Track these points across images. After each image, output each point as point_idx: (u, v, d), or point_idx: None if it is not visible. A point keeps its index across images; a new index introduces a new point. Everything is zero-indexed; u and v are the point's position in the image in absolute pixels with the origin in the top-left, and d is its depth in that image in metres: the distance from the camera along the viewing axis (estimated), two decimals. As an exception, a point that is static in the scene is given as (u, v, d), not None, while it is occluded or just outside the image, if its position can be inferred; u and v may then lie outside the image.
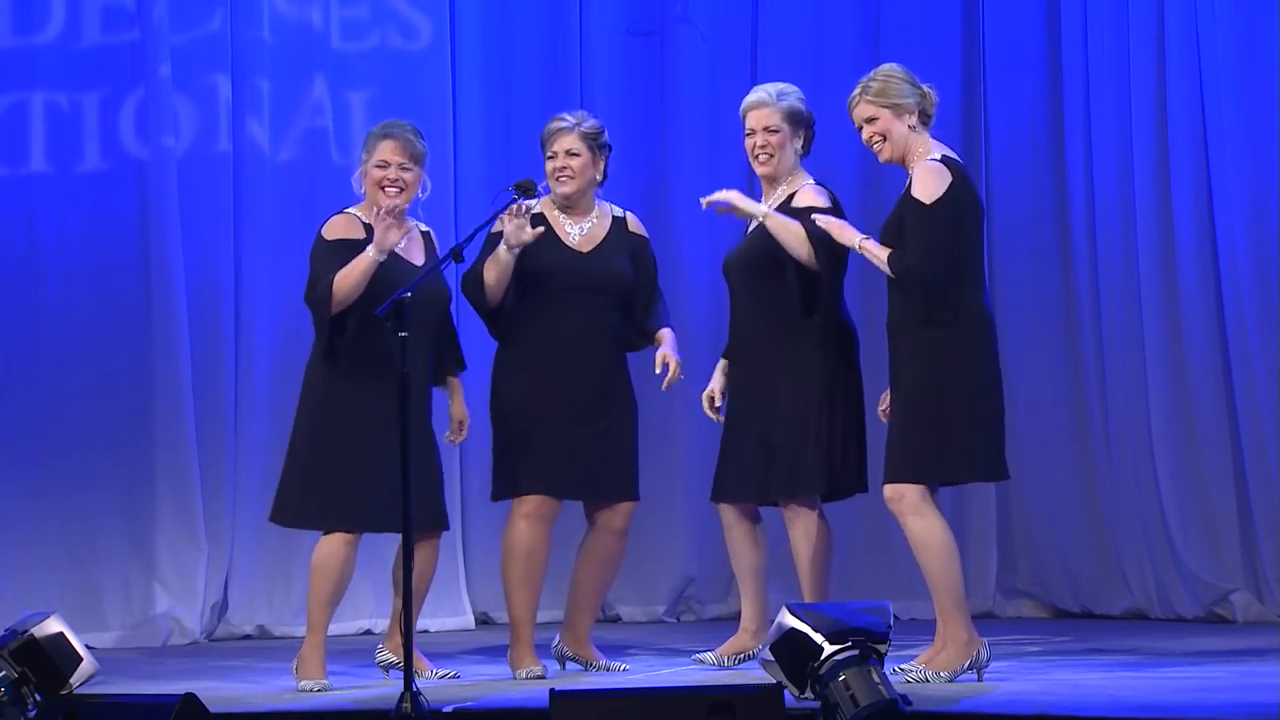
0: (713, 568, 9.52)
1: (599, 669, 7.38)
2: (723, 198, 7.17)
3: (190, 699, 5.95)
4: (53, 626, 6.30)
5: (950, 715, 6.04)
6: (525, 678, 7.18)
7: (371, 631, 9.24)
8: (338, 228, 7.15)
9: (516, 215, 7.10)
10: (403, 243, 7.08)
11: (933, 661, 6.69)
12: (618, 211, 7.48)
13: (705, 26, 9.91)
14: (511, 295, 7.26)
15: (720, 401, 7.34)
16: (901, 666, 6.64)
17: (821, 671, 5.75)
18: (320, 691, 6.92)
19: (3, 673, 6.18)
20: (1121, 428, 9.32)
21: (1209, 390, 9.09)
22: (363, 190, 7.21)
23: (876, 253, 6.80)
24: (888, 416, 6.92)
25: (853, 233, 6.91)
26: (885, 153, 6.88)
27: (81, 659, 6.30)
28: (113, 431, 9.21)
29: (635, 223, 7.50)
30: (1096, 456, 9.44)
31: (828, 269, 7.08)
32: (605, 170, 7.39)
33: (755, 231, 7.22)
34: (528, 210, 7.16)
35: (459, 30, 9.80)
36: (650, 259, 7.48)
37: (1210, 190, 9.11)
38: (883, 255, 6.77)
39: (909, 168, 6.85)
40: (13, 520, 9.13)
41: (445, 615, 9.51)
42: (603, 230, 7.40)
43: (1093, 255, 9.44)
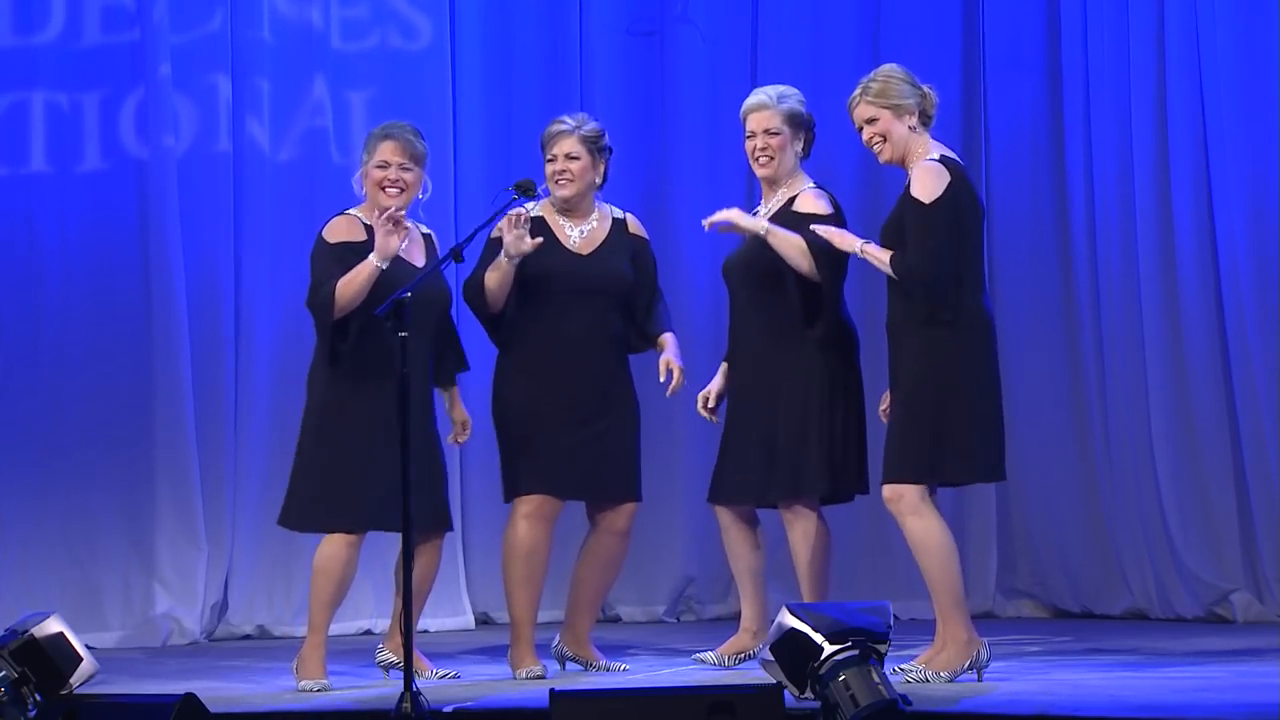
0: (713, 568, 9.51)
1: (599, 669, 7.38)
2: (723, 218, 7.15)
3: (190, 699, 5.95)
4: (53, 626, 6.30)
5: (950, 715, 6.04)
6: (525, 677, 7.18)
7: (371, 631, 9.24)
8: (339, 230, 7.15)
9: (516, 226, 7.09)
10: (404, 244, 7.07)
11: (933, 661, 6.69)
12: (618, 213, 7.47)
13: (705, 26, 9.90)
14: (513, 301, 7.26)
15: (714, 403, 7.34)
16: (901, 666, 6.64)
17: (821, 671, 5.75)
18: (320, 691, 6.92)
19: (3, 673, 6.18)
20: (1121, 428, 9.31)
21: (1209, 390, 9.09)
22: (363, 191, 7.21)
23: (878, 255, 6.79)
24: (888, 417, 6.92)
25: (852, 239, 6.90)
26: (885, 153, 6.88)
27: (81, 659, 6.30)
28: (113, 431, 9.20)
29: (635, 224, 7.49)
30: (1096, 456, 9.44)
31: (829, 278, 7.07)
32: (605, 173, 7.38)
33: (754, 235, 7.21)
34: (526, 221, 7.15)
35: (459, 30, 9.79)
36: (650, 260, 7.47)
37: (1210, 190, 9.11)
38: (884, 258, 6.77)
39: (909, 168, 6.85)
40: (13, 520, 9.13)
41: (445, 615, 9.51)
42: (603, 232, 7.39)
43: (1093, 255, 9.43)
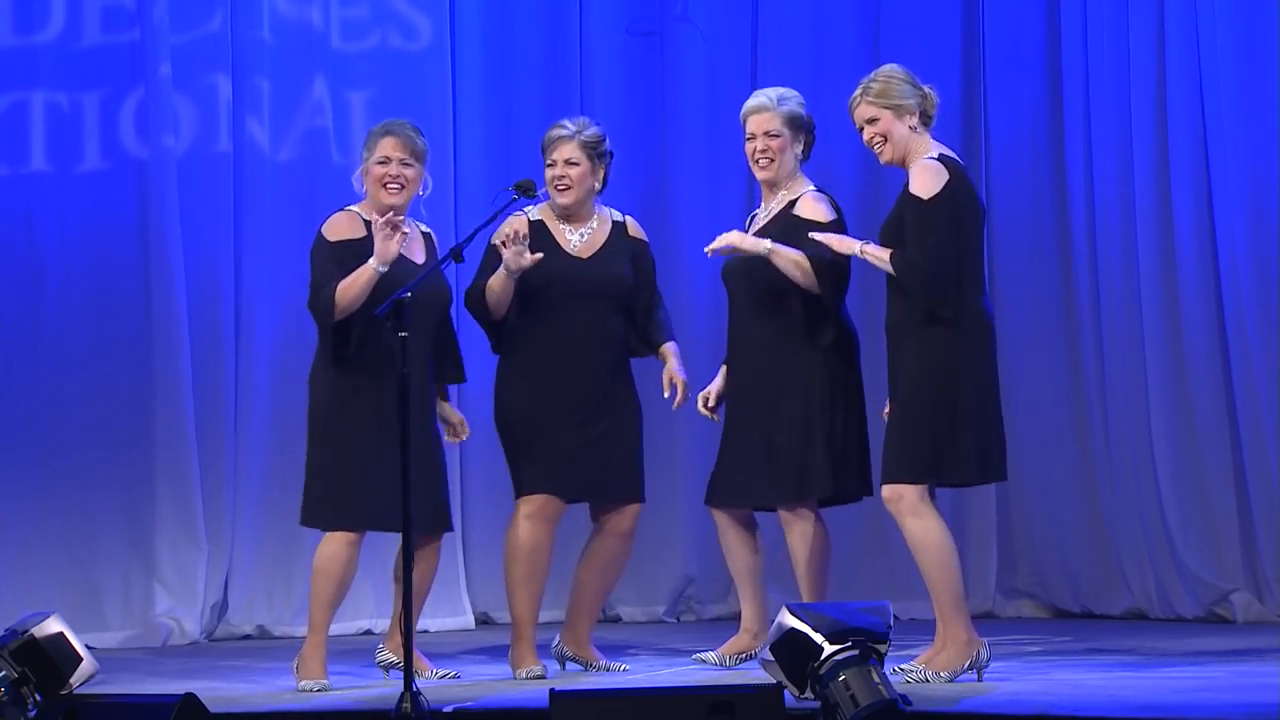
0: (713, 568, 9.51)
1: (599, 669, 7.38)
2: (725, 242, 7.14)
3: (190, 699, 5.95)
4: (53, 626, 6.30)
5: (950, 715, 6.04)
6: (525, 677, 7.18)
7: (371, 631, 9.24)
8: (339, 227, 7.14)
9: (515, 242, 7.09)
10: (403, 244, 7.07)
11: (933, 661, 6.69)
12: (617, 216, 7.46)
13: (705, 26, 9.89)
14: (514, 307, 7.26)
15: (715, 402, 7.33)
16: (901, 666, 6.64)
17: (821, 671, 5.74)
18: (321, 691, 6.92)
19: (3, 673, 6.18)
20: (1121, 428, 9.31)
21: (1209, 390, 9.09)
22: (364, 188, 7.21)
23: (878, 254, 6.79)
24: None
25: (851, 241, 6.90)
26: (886, 154, 6.88)
27: (81, 659, 6.30)
28: (113, 431, 9.20)
29: (635, 227, 7.49)
30: (1096, 456, 9.44)
31: (831, 290, 7.07)
32: (605, 178, 7.37)
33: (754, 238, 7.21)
34: (525, 236, 7.14)
35: (459, 30, 9.79)
36: (650, 263, 7.46)
37: (1210, 190, 9.11)
38: (884, 256, 6.77)
39: (909, 168, 6.84)
40: (13, 520, 9.13)
41: (445, 615, 9.51)
42: (603, 236, 7.38)
43: (1093, 255, 9.43)
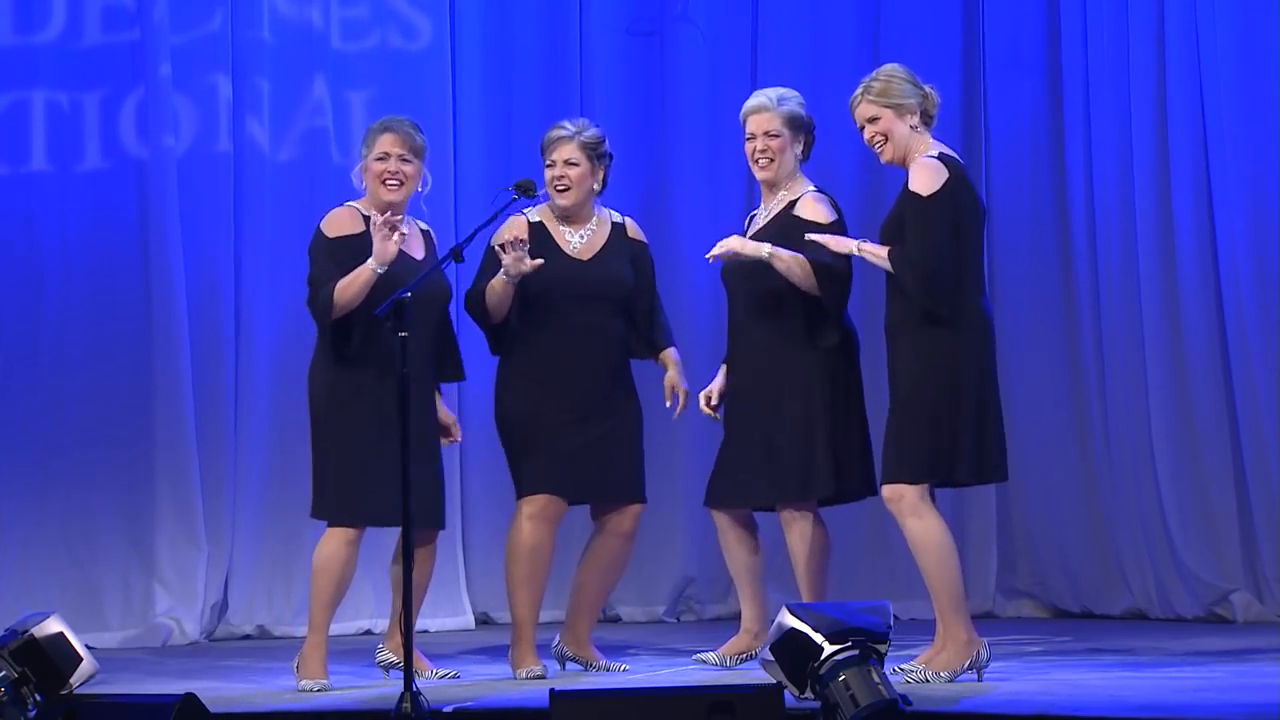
0: (713, 568, 9.50)
1: (599, 669, 7.37)
2: (725, 249, 7.14)
3: (190, 699, 5.95)
4: (53, 626, 6.29)
5: (950, 715, 6.04)
6: (525, 677, 7.18)
7: (371, 631, 9.23)
8: (338, 223, 7.14)
9: (514, 248, 7.09)
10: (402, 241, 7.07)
11: (933, 661, 6.69)
12: (616, 217, 7.46)
13: (705, 26, 9.89)
14: (514, 309, 7.26)
15: (716, 400, 7.33)
16: (901, 666, 6.64)
17: (821, 671, 5.74)
18: (321, 691, 6.92)
19: (3, 673, 6.18)
20: (1121, 428, 9.31)
21: (1209, 390, 9.09)
22: (363, 185, 7.21)
23: (876, 252, 6.78)
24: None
25: (848, 241, 6.90)
26: (887, 153, 6.87)
27: (81, 659, 6.30)
28: (113, 431, 9.20)
29: (634, 228, 7.48)
30: (1096, 456, 9.44)
31: (831, 292, 7.07)
32: (605, 179, 7.37)
33: (754, 238, 7.20)
34: (524, 242, 7.13)
35: (459, 30, 9.79)
36: (649, 264, 7.46)
37: (1210, 190, 9.11)
38: (882, 253, 6.76)
39: (909, 167, 6.84)
40: (13, 520, 9.12)
41: (445, 615, 9.51)
42: (602, 237, 7.38)
43: (1093, 255, 9.43)
